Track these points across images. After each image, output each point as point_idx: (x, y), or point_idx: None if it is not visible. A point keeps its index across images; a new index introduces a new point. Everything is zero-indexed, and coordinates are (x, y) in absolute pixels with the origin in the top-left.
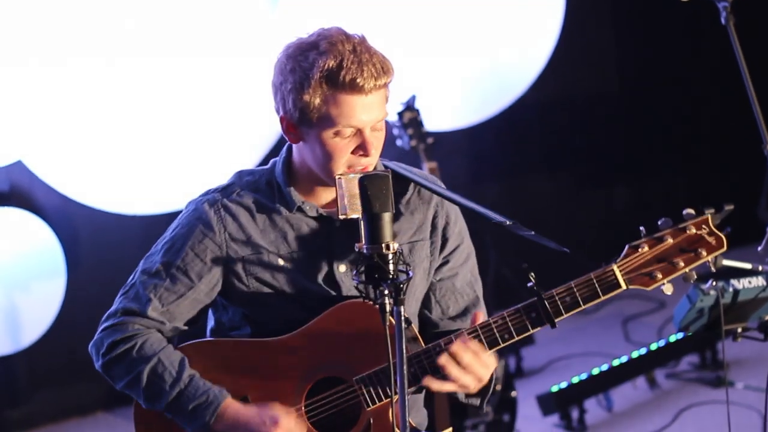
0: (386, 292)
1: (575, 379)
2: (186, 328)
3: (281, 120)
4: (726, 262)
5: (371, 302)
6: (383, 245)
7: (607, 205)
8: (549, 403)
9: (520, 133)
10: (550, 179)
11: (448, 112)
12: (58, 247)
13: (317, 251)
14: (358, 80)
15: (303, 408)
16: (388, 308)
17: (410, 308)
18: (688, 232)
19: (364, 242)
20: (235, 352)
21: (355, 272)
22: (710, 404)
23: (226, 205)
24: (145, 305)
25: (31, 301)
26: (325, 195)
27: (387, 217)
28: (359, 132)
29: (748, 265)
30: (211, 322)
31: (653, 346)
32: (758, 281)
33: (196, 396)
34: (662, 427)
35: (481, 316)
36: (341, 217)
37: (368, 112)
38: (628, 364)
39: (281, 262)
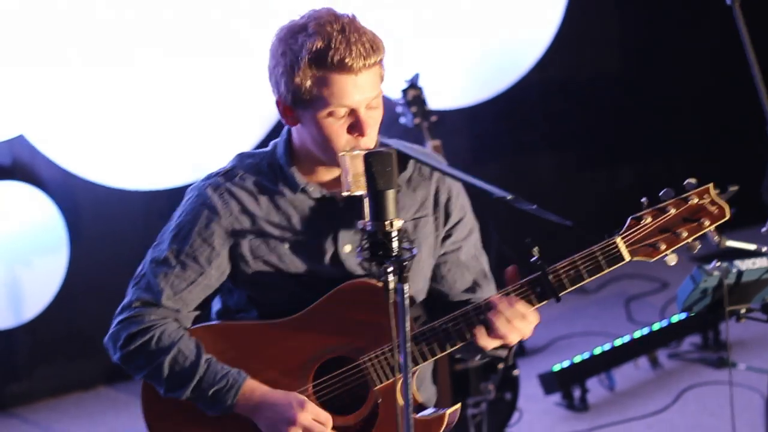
0: (390, 269)
1: (577, 359)
2: (198, 313)
3: (277, 103)
4: (730, 243)
5: (375, 279)
6: (387, 222)
7: (609, 185)
8: (551, 382)
9: (523, 113)
10: (552, 159)
11: (451, 91)
12: (60, 222)
13: (322, 232)
14: (346, 60)
15: (311, 389)
16: (391, 285)
17: (417, 285)
18: (690, 202)
19: (368, 219)
20: (242, 335)
21: (359, 249)
22: (712, 385)
23: (230, 189)
24: (159, 294)
25: (33, 276)
26: (327, 175)
27: (391, 194)
28: (353, 112)
29: (752, 246)
30: (217, 305)
31: (656, 326)
32: (762, 262)
33: (215, 381)
34: (664, 407)
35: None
36: (345, 194)
37: (360, 92)
38: (630, 343)
39: (286, 244)
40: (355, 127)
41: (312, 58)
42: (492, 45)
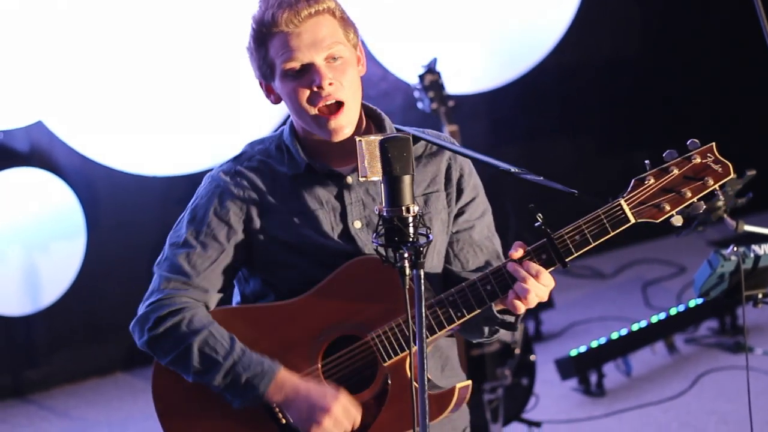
0: (406, 255)
1: (594, 344)
2: (222, 295)
3: (260, 85)
4: (747, 228)
5: (391, 266)
6: (403, 208)
7: (626, 170)
8: (568, 367)
9: (541, 98)
10: (570, 144)
11: (469, 76)
12: (78, 208)
13: (331, 209)
14: (277, 16)
15: (320, 368)
16: (407, 272)
17: (431, 261)
18: (693, 161)
19: (384, 205)
20: (252, 317)
21: (374, 235)
22: (729, 370)
23: (241, 171)
24: (186, 275)
25: (51, 262)
26: (332, 152)
27: (407, 179)
28: (311, 65)
29: None
30: (236, 298)
31: (672, 311)
32: None
33: (250, 367)
34: (681, 392)
35: (519, 251)
36: (361, 179)
37: (306, 42)
38: (647, 328)
39: (297, 221)
40: (313, 80)
41: (256, 26)
42: (510, 29)
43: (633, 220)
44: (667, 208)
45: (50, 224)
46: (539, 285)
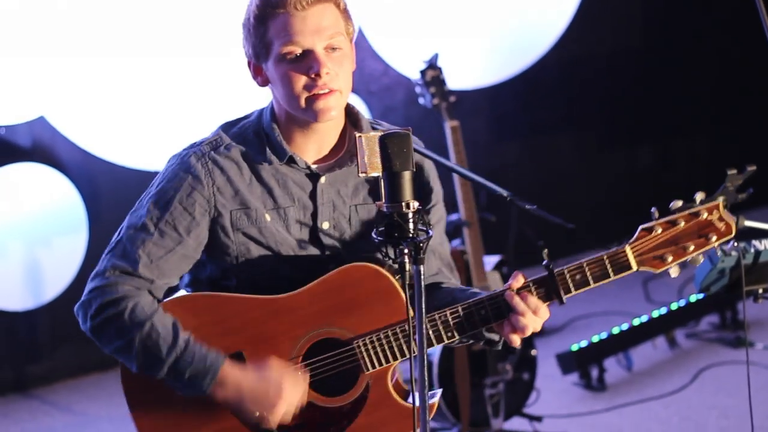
0: (405, 251)
1: (595, 338)
2: (174, 284)
3: (248, 65)
4: (748, 223)
5: (391, 261)
6: (403, 204)
7: (630, 164)
8: (569, 362)
9: (543, 93)
10: (572, 138)
11: (470, 71)
12: (80, 203)
13: (302, 207)
14: None
15: (300, 366)
16: (407, 267)
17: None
18: (700, 217)
19: (384, 201)
20: (228, 308)
21: (374, 230)
22: (730, 364)
23: (215, 158)
24: (135, 263)
25: (53, 257)
26: (310, 145)
27: (407, 175)
28: (310, 52)
29: None
30: (186, 278)
31: (673, 306)
32: None
33: (193, 362)
34: (681, 387)
35: (519, 279)
36: (361, 175)
37: (310, 29)
38: (648, 323)
39: (267, 217)
40: (311, 68)
41: (260, 4)
42: (511, 24)
43: (635, 268)
44: (669, 259)
45: (52, 219)
46: (537, 319)
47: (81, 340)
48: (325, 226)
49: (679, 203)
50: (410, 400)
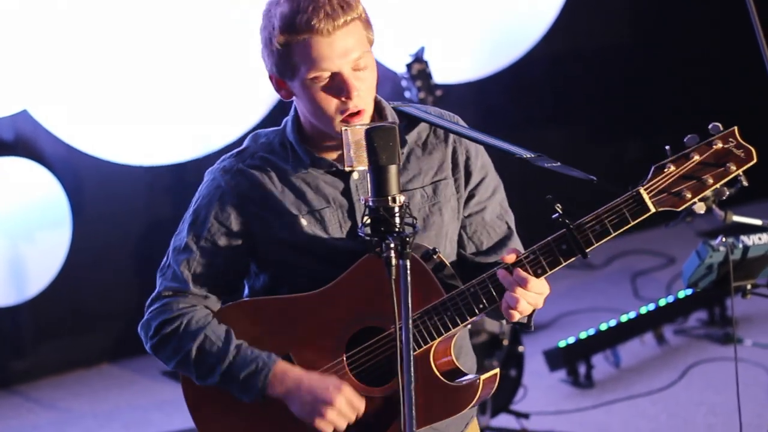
0: (392, 245)
1: (583, 335)
2: (226, 297)
3: (270, 78)
4: (736, 218)
5: (377, 256)
6: (389, 198)
7: (619, 158)
8: (556, 359)
9: (531, 86)
10: (560, 133)
11: (457, 65)
12: (63, 197)
13: (339, 206)
14: (313, 22)
15: (345, 360)
16: (393, 262)
17: (445, 250)
18: (715, 146)
19: (370, 194)
20: (273, 310)
21: (361, 225)
22: (718, 361)
23: (242, 170)
24: (185, 283)
25: (36, 252)
26: (337, 148)
27: (393, 169)
28: (338, 75)
29: (758, 221)
30: (246, 291)
31: (662, 302)
32: None
33: (245, 365)
34: (670, 384)
35: (511, 255)
36: (347, 169)
37: (338, 53)
38: (636, 319)
39: (303, 221)
40: (342, 91)
41: (283, 25)
42: (499, 17)
43: (653, 209)
44: (689, 195)
45: (35, 214)
46: (529, 293)
47: (64, 336)
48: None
49: (695, 137)
50: (459, 380)
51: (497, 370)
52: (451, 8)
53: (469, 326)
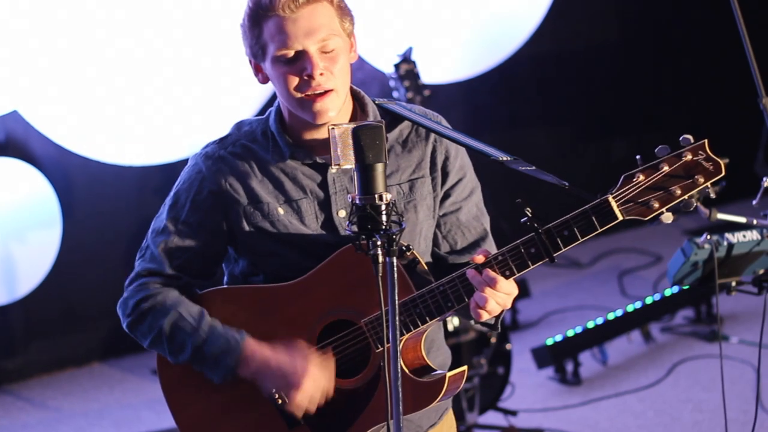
0: (379, 243)
1: (570, 333)
2: (202, 281)
3: (249, 62)
4: (721, 216)
5: (364, 253)
6: (376, 196)
7: (604, 158)
8: (544, 356)
9: (518, 87)
10: (547, 133)
11: (445, 65)
12: (54, 197)
13: (315, 198)
14: (281, 1)
15: (315, 351)
16: (380, 259)
17: (419, 247)
18: (684, 158)
19: (356, 193)
20: (247, 299)
21: (348, 223)
22: (704, 358)
23: (224, 156)
24: (161, 263)
25: (27, 251)
26: (317, 139)
27: (380, 167)
28: (303, 53)
29: (742, 219)
30: (226, 277)
31: (648, 300)
32: (752, 235)
33: (217, 343)
34: (656, 381)
35: (480, 256)
36: (334, 168)
37: (302, 31)
38: (623, 317)
39: (280, 210)
40: (305, 69)
41: (253, 6)
42: (486, 17)
43: (620, 217)
44: (656, 205)
45: (26, 214)
46: (498, 293)
47: (55, 335)
48: (342, 214)
49: (666, 148)
50: (429, 374)
51: (465, 368)
52: (438, 9)
53: (440, 322)
